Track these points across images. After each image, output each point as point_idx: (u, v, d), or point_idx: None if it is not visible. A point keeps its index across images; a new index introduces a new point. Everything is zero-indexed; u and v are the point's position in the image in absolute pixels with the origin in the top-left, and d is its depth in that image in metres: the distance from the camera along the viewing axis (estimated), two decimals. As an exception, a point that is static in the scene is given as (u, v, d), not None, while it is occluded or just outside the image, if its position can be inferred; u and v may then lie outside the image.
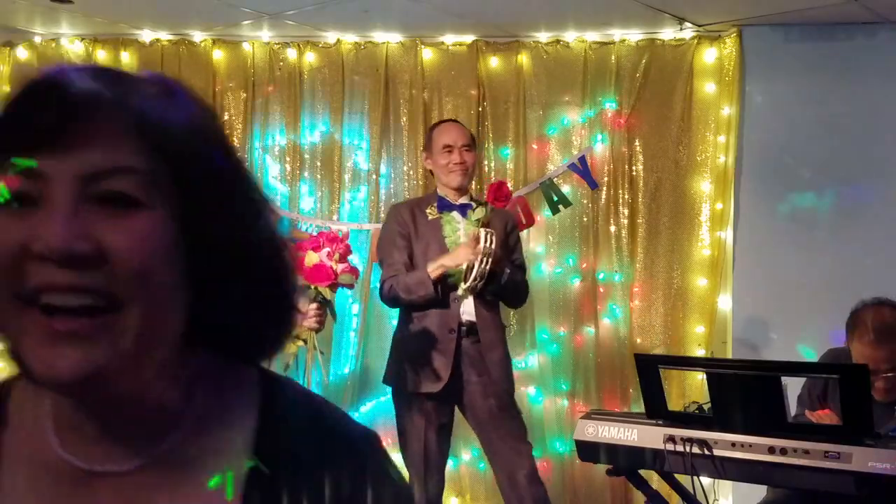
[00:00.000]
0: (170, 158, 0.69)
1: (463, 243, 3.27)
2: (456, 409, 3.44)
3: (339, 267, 3.09)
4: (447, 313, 3.33)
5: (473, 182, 3.84)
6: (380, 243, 3.56)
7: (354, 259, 3.30)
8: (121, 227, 0.67)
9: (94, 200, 0.67)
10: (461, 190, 3.45)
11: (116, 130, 0.68)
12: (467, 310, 3.34)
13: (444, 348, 3.32)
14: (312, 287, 3.04)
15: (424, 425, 3.35)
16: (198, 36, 4.62)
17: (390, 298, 3.37)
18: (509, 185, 4.38)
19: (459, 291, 3.27)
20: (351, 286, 3.28)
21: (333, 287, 3.10)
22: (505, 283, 3.33)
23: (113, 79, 0.72)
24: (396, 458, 4.52)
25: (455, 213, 3.37)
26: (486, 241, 3.17)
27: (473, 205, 3.44)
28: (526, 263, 3.61)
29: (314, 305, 3.09)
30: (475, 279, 3.20)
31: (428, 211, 3.43)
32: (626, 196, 4.38)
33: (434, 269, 3.24)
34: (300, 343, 3.17)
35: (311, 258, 3.04)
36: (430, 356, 3.33)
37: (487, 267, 3.19)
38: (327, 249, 3.06)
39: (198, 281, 0.72)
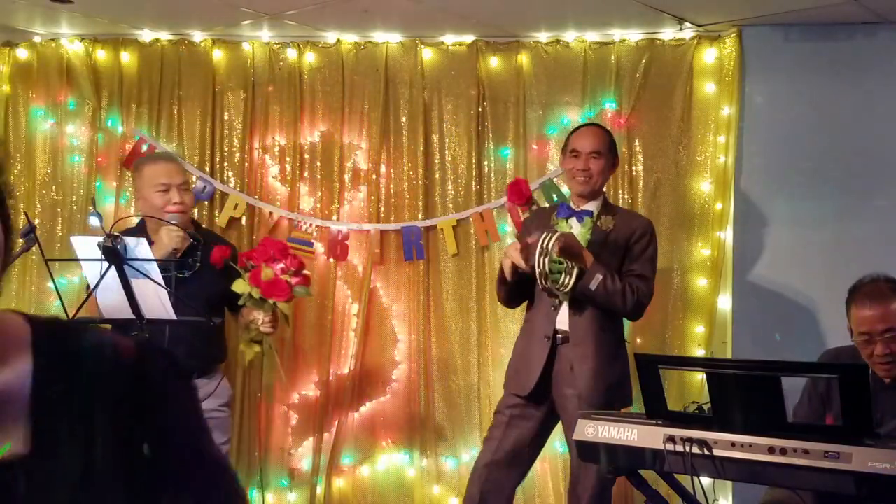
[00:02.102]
0: None
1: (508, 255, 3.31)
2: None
3: (294, 280, 3.21)
4: (546, 320, 3.38)
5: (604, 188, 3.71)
6: None
7: (306, 269, 3.39)
8: None
9: None
10: (586, 196, 3.43)
11: None
12: (562, 318, 3.36)
13: (538, 354, 3.37)
14: (270, 301, 3.20)
15: (506, 422, 3.41)
16: (198, 36, 4.61)
17: (498, 290, 3.53)
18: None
19: (540, 285, 3.28)
20: (307, 295, 3.45)
21: (289, 300, 3.25)
22: (595, 290, 3.27)
23: None
24: (393, 457, 4.53)
25: (573, 220, 3.38)
26: (542, 242, 3.17)
27: (594, 211, 3.41)
28: (647, 274, 3.45)
29: (267, 313, 3.26)
30: (541, 279, 3.22)
31: (553, 218, 3.45)
32: (626, 196, 4.38)
33: (508, 269, 3.29)
34: (257, 347, 3.34)
35: (267, 273, 3.16)
36: (524, 360, 3.43)
37: (546, 267, 3.19)
38: (281, 265, 3.19)
39: None
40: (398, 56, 4.56)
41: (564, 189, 4.40)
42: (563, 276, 3.24)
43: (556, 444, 4.38)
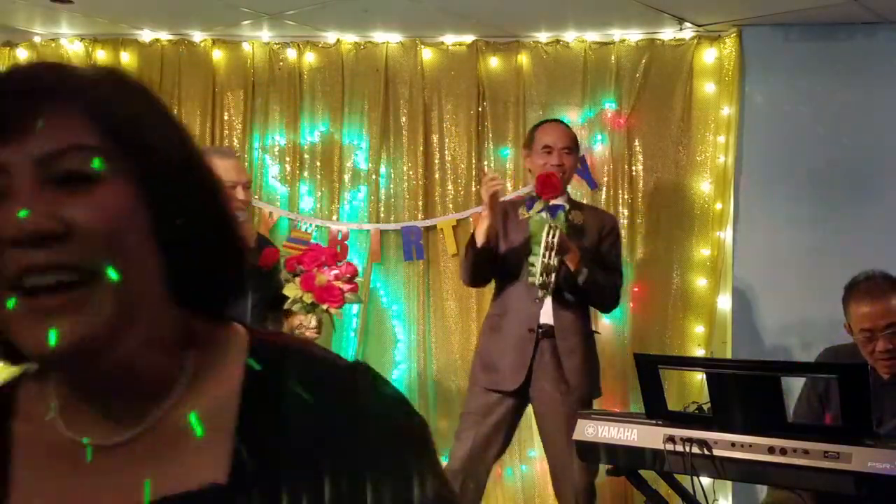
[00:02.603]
0: (120, 134, 0.74)
1: (483, 213, 3.30)
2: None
3: (346, 287, 3.20)
4: (528, 313, 3.35)
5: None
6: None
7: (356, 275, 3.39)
8: (81, 202, 0.71)
9: (54, 182, 0.71)
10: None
11: (66, 115, 0.73)
12: (546, 311, 3.35)
13: (522, 349, 3.35)
14: (321, 306, 3.18)
15: (481, 419, 3.38)
16: (198, 36, 4.61)
17: (463, 268, 3.47)
18: (509, 185, 4.39)
19: (531, 281, 3.25)
20: (358, 302, 3.48)
21: (340, 306, 3.23)
22: (584, 284, 3.31)
23: (60, 70, 0.77)
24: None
25: (545, 214, 3.32)
26: (548, 236, 3.18)
27: (567, 205, 3.41)
28: (620, 268, 3.57)
29: (315, 318, 3.23)
30: (542, 273, 3.20)
31: (521, 211, 3.43)
32: (626, 196, 4.37)
33: (481, 230, 3.28)
34: None
35: (321, 279, 3.15)
36: (508, 356, 3.38)
37: (552, 261, 3.19)
38: (335, 271, 3.19)
39: (163, 243, 0.75)
40: (398, 56, 4.56)
41: (564, 189, 4.40)
42: (538, 265, 3.23)
43: (556, 444, 4.39)
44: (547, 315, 3.35)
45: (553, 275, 3.23)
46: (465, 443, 3.40)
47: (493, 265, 3.41)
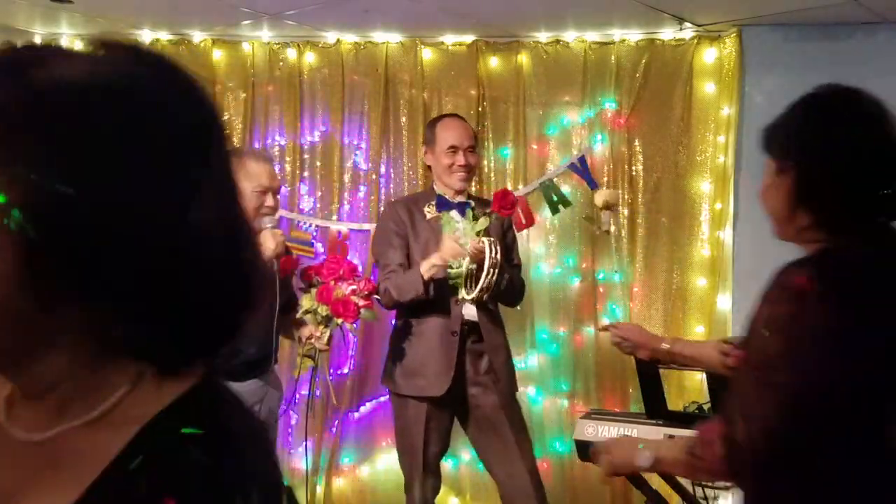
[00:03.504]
0: None
1: (447, 235, 3.20)
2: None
3: (363, 303, 3.20)
4: (448, 315, 3.31)
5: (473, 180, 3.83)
6: (375, 241, 3.55)
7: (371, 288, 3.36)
8: None
9: None
10: (461, 189, 3.44)
11: None
12: (469, 311, 3.32)
13: (447, 351, 3.30)
14: (336, 320, 3.16)
15: (424, 428, 3.33)
16: (198, 36, 4.61)
17: (388, 301, 3.33)
18: (509, 185, 4.39)
19: (461, 296, 3.24)
20: (373, 319, 3.46)
21: (355, 321, 3.23)
22: (504, 288, 3.31)
23: None
24: (393, 457, 4.53)
25: (454, 213, 3.30)
26: (491, 252, 3.14)
27: (472, 203, 3.42)
28: (521, 261, 3.61)
29: (328, 330, 3.20)
30: (482, 290, 3.17)
31: (426, 210, 3.39)
32: (626, 196, 4.38)
33: (427, 270, 3.19)
34: (309, 362, 3.30)
35: (339, 293, 3.14)
36: (432, 360, 3.31)
37: (494, 278, 3.17)
38: (354, 287, 3.17)
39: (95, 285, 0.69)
40: (398, 56, 4.56)
41: (564, 189, 4.40)
42: (481, 282, 3.19)
43: (556, 443, 4.39)
44: (471, 314, 3.31)
45: (489, 289, 3.19)
46: (416, 454, 3.36)
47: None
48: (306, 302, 3.19)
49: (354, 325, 3.33)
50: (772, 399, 1.48)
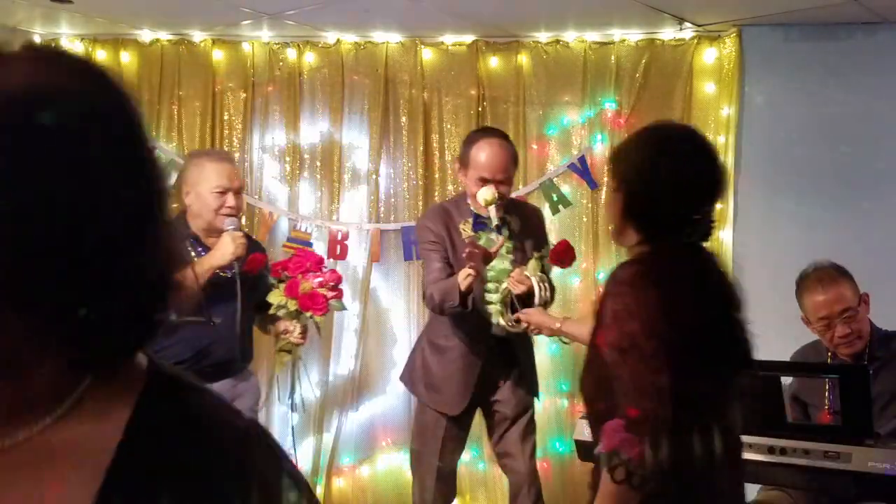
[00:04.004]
0: None
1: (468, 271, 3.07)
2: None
3: (331, 294, 3.20)
4: (477, 335, 3.27)
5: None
6: (420, 249, 3.51)
7: (342, 283, 3.37)
8: None
9: None
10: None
11: None
12: (500, 329, 3.25)
13: (467, 375, 3.30)
14: (307, 314, 3.18)
15: (441, 436, 3.35)
16: (198, 36, 4.61)
17: (431, 305, 3.26)
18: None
19: (498, 322, 3.18)
20: (342, 309, 3.47)
21: (324, 313, 3.23)
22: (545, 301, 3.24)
23: None
24: (393, 457, 4.52)
25: (494, 235, 3.19)
26: (542, 292, 3.11)
27: (509, 220, 3.28)
28: None
29: (300, 325, 3.22)
30: (527, 327, 3.13)
31: (462, 227, 3.29)
32: (626, 196, 4.37)
33: (462, 279, 3.06)
34: (286, 357, 3.31)
35: (305, 287, 3.14)
36: (452, 381, 3.33)
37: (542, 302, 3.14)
38: (320, 279, 3.18)
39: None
40: (398, 56, 4.56)
41: (564, 189, 4.40)
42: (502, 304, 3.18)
43: (556, 444, 4.39)
44: (500, 331, 3.25)
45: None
46: (432, 465, 3.38)
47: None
48: (274, 297, 3.21)
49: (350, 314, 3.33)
50: (649, 369, 1.73)
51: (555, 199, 4.36)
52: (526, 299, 3.12)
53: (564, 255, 3.29)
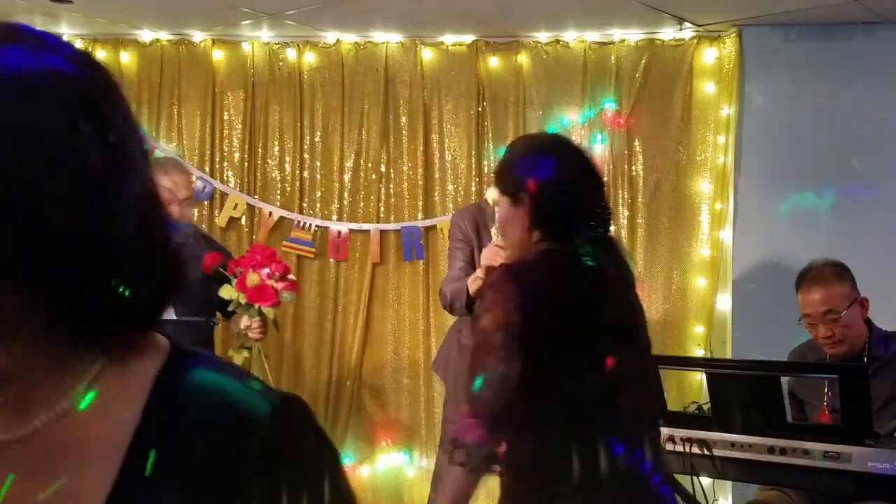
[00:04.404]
0: None
1: (479, 274, 3.10)
2: None
3: (280, 285, 3.21)
4: None
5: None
6: (449, 244, 3.54)
7: (291, 274, 3.38)
8: None
9: None
10: None
11: None
12: None
13: None
14: (256, 306, 3.19)
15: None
16: (197, 36, 4.61)
17: (444, 304, 3.37)
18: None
19: None
20: (293, 300, 3.49)
21: (276, 305, 3.24)
22: None
23: None
24: (393, 457, 4.52)
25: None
26: None
27: None
28: None
29: (257, 320, 3.23)
30: None
31: (493, 230, 3.30)
32: (626, 196, 4.38)
33: (471, 282, 3.12)
34: (246, 353, 3.31)
35: (253, 279, 3.16)
36: None
37: None
38: (267, 270, 3.20)
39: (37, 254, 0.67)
40: (398, 56, 4.56)
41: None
42: None
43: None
44: None
45: None
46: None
47: None
48: (225, 293, 3.21)
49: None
50: (495, 358, 1.87)
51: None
52: None
53: None
